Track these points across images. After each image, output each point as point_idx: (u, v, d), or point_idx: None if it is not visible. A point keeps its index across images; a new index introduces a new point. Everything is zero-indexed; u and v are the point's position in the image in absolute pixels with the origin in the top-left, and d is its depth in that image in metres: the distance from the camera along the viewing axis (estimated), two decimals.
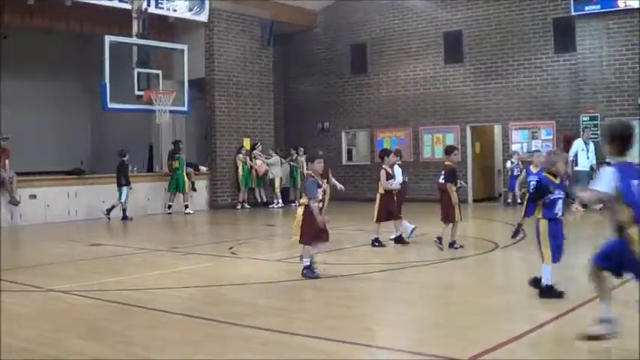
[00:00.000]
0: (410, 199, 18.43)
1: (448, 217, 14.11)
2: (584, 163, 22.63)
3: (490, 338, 7.42)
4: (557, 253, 9.40)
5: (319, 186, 11.35)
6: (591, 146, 22.91)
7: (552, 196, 9.40)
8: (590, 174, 22.46)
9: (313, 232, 11.27)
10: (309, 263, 11.37)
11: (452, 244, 14.04)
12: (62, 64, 28.99)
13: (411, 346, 7.50)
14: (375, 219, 15.28)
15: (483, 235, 16.90)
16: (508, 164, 25.33)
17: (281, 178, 28.16)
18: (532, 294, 10.03)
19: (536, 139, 25.60)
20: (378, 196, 15.43)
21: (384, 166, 15.48)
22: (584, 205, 11.96)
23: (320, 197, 11.32)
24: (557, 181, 9.57)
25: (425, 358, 6.95)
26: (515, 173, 24.07)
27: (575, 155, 22.67)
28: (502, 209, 25.12)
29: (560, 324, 8.19)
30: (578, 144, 23.21)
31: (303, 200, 11.46)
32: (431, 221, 15.51)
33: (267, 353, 7.24)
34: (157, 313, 9.16)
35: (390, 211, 15.15)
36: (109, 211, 22.69)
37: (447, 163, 14.46)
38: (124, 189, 22.99)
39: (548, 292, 9.29)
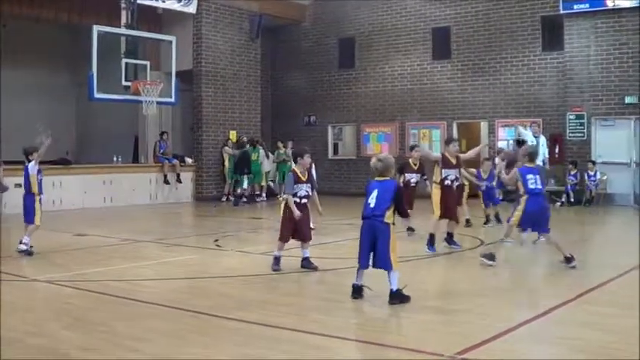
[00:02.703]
0: None
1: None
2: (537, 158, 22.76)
3: (476, 334, 7.44)
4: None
5: (301, 182, 11.34)
6: (541, 140, 23.02)
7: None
8: (543, 168, 22.66)
9: (289, 230, 11.39)
10: (278, 255, 11.50)
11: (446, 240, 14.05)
12: (49, 53, 28.90)
13: (397, 342, 7.52)
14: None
15: (468, 232, 16.91)
16: (497, 160, 25.27)
17: (267, 173, 28.12)
18: (518, 290, 10.09)
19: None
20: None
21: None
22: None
23: (301, 193, 11.31)
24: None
25: (411, 354, 6.97)
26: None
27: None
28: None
29: (547, 320, 8.22)
30: (528, 137, 23.35)
31: (285, 196, 11.49)
32: (420, 217, 15.50)
33: (252, 346, 7.24)
34: (143, 304, 9.15)
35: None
36: (236, 200, 24.87)
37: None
38: (246, 177, 25.06)
39: (397, 296, 9.07)
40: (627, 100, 23.65)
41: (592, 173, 23.88)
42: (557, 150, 25.02)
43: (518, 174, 12.21)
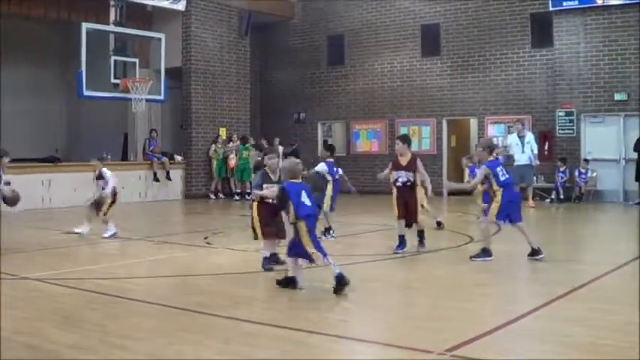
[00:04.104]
0: (380, 191, 18.36)
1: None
2: (520, 157, 22.95)
3: (466, 331, 7.44)
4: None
5: (271, 182, 11.30)
6: (528, 137, 23.14)
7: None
8: (530, 166, 22.81)
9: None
10: (267, 254, 11.48)
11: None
12: (38, 51, 28.79)
13: (388, 339, 7.50)
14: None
15: (458, 229, 16.93)
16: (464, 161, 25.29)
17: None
18: (508, 287, 10.10)
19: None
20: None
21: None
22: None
23: (262, 193, 11.28)
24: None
25: (401, 351, 6.97)
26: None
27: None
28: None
29: (537, 317, 8.23)
30: (512, 139, 23.52)
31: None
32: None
33: (242, 343, 7.22)
34: (132, 302, 9.14)
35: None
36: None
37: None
38: None
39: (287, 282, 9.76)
40: (616, 97, 23.72)
41: (584, 171, 23.93)
42: (546, 147, 25.08)
43: (487, 170, 12.22)
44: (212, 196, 27.03)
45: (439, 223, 17.06)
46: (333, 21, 30.75)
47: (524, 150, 23.02)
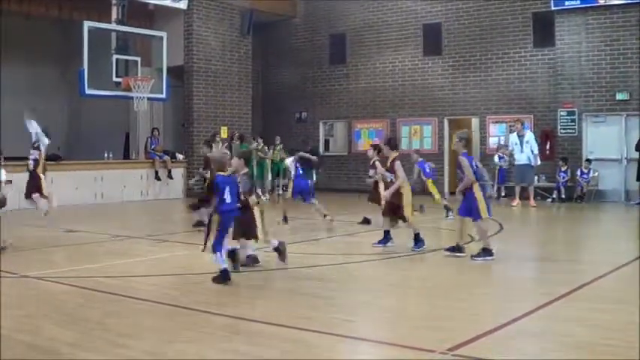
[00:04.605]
0: None
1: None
2: (519, 157, 23.00)
3: (467, 331, 7.44)
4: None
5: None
6: (528, 137, 23.17)
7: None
8: (530, 166, 22.84)
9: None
10: (248, 253, 11.52)
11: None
12: (40, 50, 28.80)
13: (388, 338, 7.51)
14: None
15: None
16: (496, 159, 25.29)
17: None
18: (508, 287, 10.11)
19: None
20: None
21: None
22: None
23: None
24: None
25: (402, 350, 6.97)
26: (505, 167, 24.26)
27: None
28: None
29: (537, 317, 8.23)
30: (512, 138, 23.54)
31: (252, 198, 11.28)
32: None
33: (241, 342, 7.23)
34: (133, 300, 9.14)
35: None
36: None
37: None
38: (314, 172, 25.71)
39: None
40: (618, 96, 23.70)
41: (586, 171, 23.90)
42: (548, 146, 25.06)
43: (465, 161, 12.13)
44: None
45: (367, 220, 17.48)
46: (335, 20, 30.74)
47: (523, 149, 23.04)
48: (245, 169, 11.24)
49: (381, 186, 15.53)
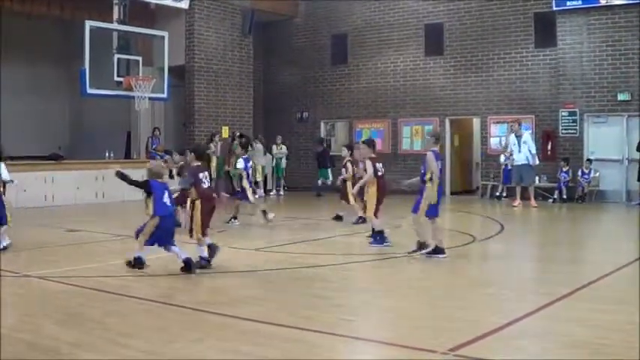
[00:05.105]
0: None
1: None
2: (518, 157, 23.04)
3: (468, 331, 7.44)
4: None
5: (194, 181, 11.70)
6: (525, 137, 23.21)
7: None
8: (529, 166, 22.85)
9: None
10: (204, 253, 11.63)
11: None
12: (41, 49, 28.84)
13: (389, 338, 7.51)
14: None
15: (461, 228, 16.93)
16: (502, 158, 25.21)
17: (264, 167, 27.97)
18: (509, 287, 10.10)
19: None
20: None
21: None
22: None
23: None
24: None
25: (404, 350, 6.97)
26: (510, 167, 24.22)
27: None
28: (480, 202, 25.19)
29: (538, 317, 8.23)
30: (511, 139, 23.56)
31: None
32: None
33: (242, 342, 7.22)
34: (134, 300, 9.14)
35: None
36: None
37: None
38: (329, 170, 26.89)
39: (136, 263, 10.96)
40: (620, 97, 23.67)
41: (586, 171, 23.89)
42: (549, 147, 25.05)
43: (431, 156, 12.24)
44: (215, 195, 26.88)
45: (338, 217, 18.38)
46: (336, 20, 30.72)
47: (521, 150, 23.06)
48: (196, 162, 11.98)
49: (349, 185, 17.36)
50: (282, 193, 28.62)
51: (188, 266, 10.83)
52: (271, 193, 28.31)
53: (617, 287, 10.14)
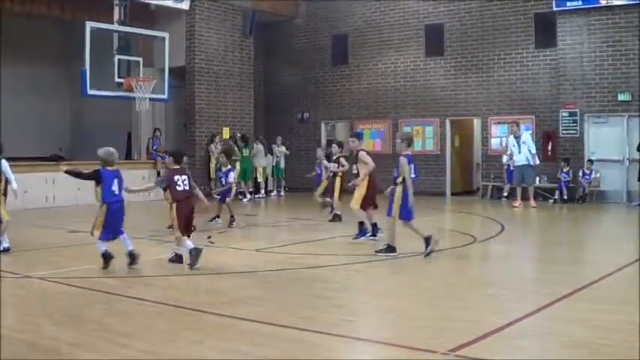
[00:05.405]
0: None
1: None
2: (517, 157, 23.06)
3: (469, 331, 7.45)
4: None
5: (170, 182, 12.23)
6: (524, 137, 23.22)
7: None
8: (529, 166, 22.86)
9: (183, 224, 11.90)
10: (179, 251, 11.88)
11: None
12: (41, 50, 28.85)
13: (389, 338, 7.50)
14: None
15: (461, 229, 16.94)
16: (504, 159, 25.21)
17: (264, 168, 27.96)
18: (509, 287, 10.10)
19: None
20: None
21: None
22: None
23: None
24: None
25: (404, 351, 6.97)
26: (512, 168, 24.20)
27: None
28: (481, 203, 25.18)
29: (538, 317, 8.23)
30: (510, 141, 23.58)
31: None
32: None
33: (243, 342, 7.23)
34: (135, 300, 9.15)
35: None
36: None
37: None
38: None
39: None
40: (620, 97, 23.67)
41: (587, 172, 23.89)
42: (549, 147, 25.05)
43: (405, 161, 12.26)
44: (216, 196, 26.89)
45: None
46: (337, 21, 30.73)
47: (520, 150, 23.07)
48: (174, 165, 12.62)
49: (338, 180, 17.95)
50: (282, 193, 28.59)
51: (132, 258, 11.30)
52: (272, 194, 28.31)
53: (618, 288, 10.14)
